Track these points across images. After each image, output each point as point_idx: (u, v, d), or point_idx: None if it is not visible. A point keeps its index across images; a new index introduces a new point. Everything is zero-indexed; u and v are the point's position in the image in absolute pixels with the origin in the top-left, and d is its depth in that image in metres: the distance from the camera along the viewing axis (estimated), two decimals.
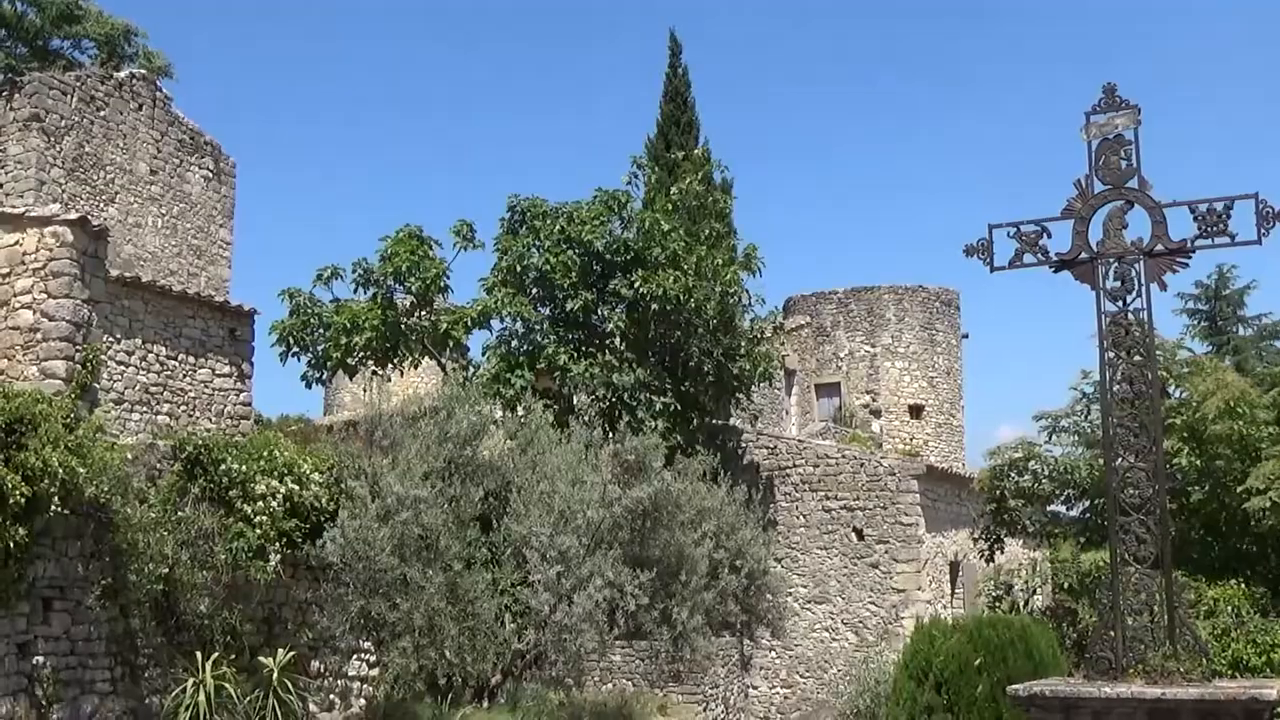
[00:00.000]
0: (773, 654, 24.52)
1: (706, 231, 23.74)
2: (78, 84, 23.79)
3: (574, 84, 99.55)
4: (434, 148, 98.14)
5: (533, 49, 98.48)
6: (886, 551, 24.07)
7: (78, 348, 13.54)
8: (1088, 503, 19.49)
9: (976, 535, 21.69)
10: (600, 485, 15.42)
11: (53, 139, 22.94)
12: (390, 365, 22.25)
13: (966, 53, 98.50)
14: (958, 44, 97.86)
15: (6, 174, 22.68)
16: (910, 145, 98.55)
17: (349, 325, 21.63)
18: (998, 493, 20.25)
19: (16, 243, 13.75)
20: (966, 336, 39.20)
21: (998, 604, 22.62)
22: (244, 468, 13.59)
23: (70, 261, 13.64)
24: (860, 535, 24.38)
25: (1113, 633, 8.42)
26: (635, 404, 21.53)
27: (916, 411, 37.10)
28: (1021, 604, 22.94)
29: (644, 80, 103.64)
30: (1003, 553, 22.05)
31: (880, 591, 23.99)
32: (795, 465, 25.16)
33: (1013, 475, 20.04)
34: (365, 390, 22.37)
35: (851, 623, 24.19)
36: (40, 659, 11.78)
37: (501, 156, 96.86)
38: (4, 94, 23.24)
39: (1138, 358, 8.77)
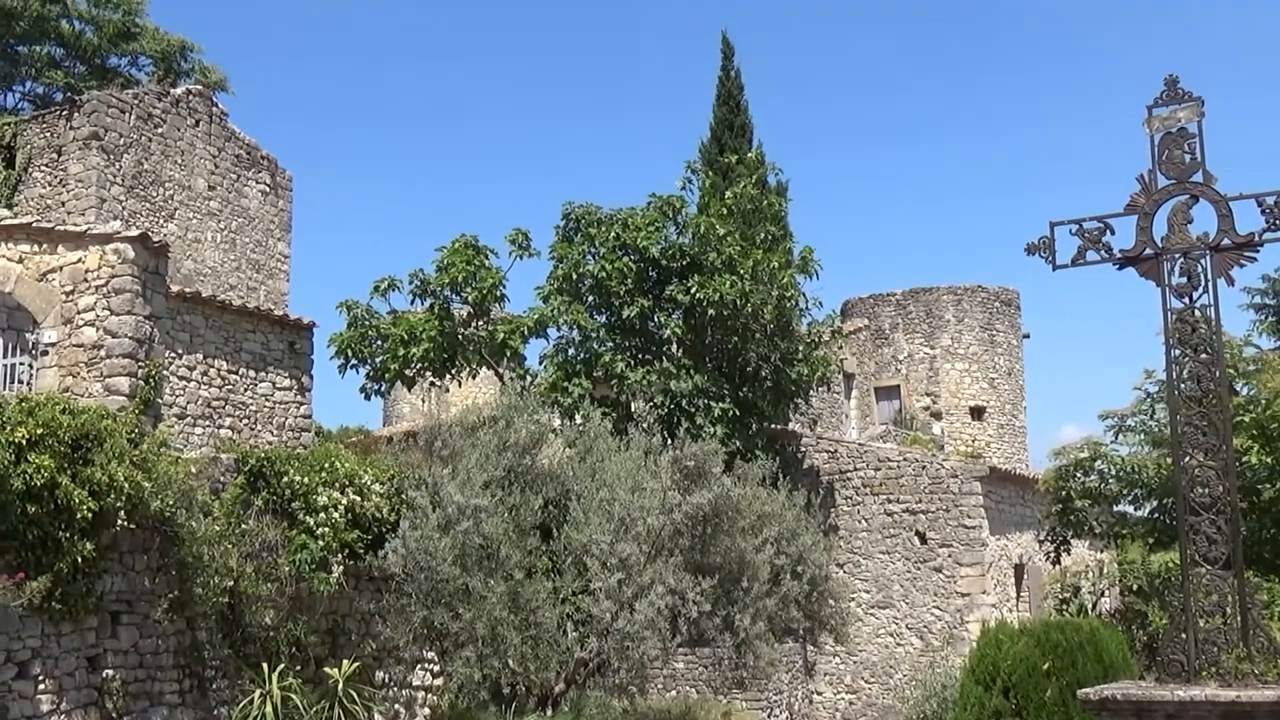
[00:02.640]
0: (837, 660, 24.32)
1: (762, 235, 23.60)
2: (136, 101, 24.16)
3: (626, 90, 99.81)
4: (488, 157, 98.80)
5: (584, 56, 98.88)
6: (950, 555, 23.79)
7: (140, 364, 13.71)
8: (1156, 503, 19.11)
9: (1042, 537, 21.36)
10: (660, 492, 15.37)
11: (112, 157, 23.30)
12: (448, 375, 22.33)
13: (1024, 49, 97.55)
14: (1014, 40, 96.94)
15: (68, 192, 23.08)
16: (965, 143, 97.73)
17: (407, 336, 21.74)
18: (1063, 493, 19.92)
19: (79, 260, 13.96)
20: (1028, 336, 38.74)
21: (1065, 607, 22.29)
22: (306, 480, 13.71)
23: (132, 278, 13.82)
24: (923, 539, 24.13)
25: (1184, 635, 8.24)
26: (693, 410, 21.45)
27: (978, 413, 36.71)
28: (1089, 607, 22.59)
29: (696, 84, 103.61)
30: (1069, 555, 21.70)
31: (944, 595, 23.71)
32: (856, 469, 24.95)
33: (1078, 475, 19.71)
34: (424, 401, 22.44)
35: (916, 627, 23.93)
36: (110, 672, 11.93)
37: (556, 164, 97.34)
38: (64, 113, 23.67)
39: (1204, 355, 8.58)
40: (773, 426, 23.95)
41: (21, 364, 14.39)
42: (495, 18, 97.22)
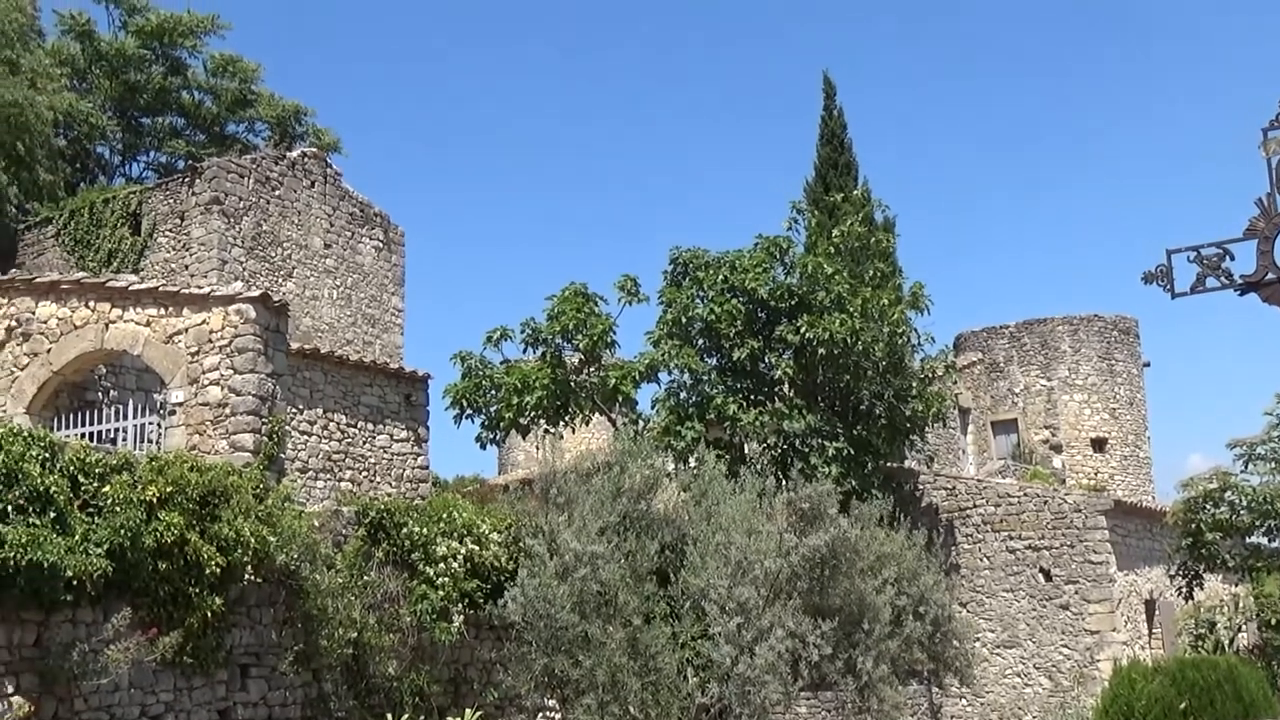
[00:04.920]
0: (963, 702, 23.76)
1: (871, 272, 23.42)
2: (253, 166, 24.97)
3: (729, 134, 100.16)
4: (594, 205, 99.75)
5: (685, 103, 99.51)
6: (1077, 592, 23.14)
7: (264, 420, 14.04)
8: None
9: (1173, 572, 20.74)
10: (776, 535, 15.25)
11: (232, 220, 24.08)
12: (561, 423, 22.47)
13: (1133, 72, 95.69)
14: (1124, 63, 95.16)
15: (191, 256, 23.88)
16: (1075, 171, 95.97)
17: (520, 385, 21.95)
18: (1193, 526, 19.36)
19: (204, 322, 14.38)
20: (1148, 365, 37.77)
21: (1200, 643, 21.55)
22: (425, 530, 13.89)
23: (254, 337, 14.18)
24: (1048, 576, 23.52)
25: None
26: (807, 450, 21.27)
27: (1099, 445, 35.82)
28: (1226, 643, 21.79)
29: (799, 125, 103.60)
30: (1202, 589, 21.01)
31: (1072, 634, 23.05)
32: (975, 506, 24.47)
33: (1208, 507, 19.15)
34: (538, 448, 22.62)
35: (1044, 667, 23.29)
36: None
37: (661, 210, 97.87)
38: (186, 180, 24.55)
39: None
40: (888, 465, 23.63)
41: (151, 424, 14.86)
42: (593, 68, 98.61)
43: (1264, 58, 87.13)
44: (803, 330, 21.50)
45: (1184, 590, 20.56)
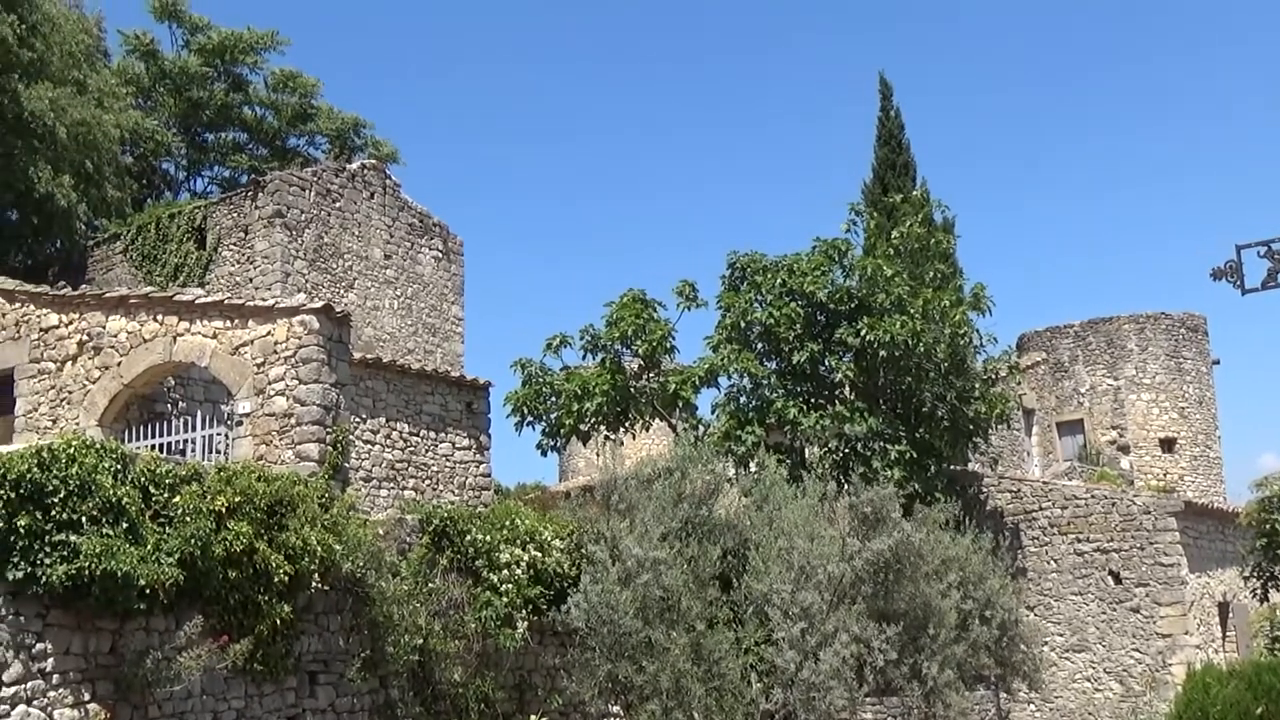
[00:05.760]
0: (1031, 707, 23.46)
1: (931, 274, 23.24)
2: (315, 179, 25.31)
3: (785, 137, 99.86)
4: (649, 212, 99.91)
5: (740, 107, 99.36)
6: (1147, 594, 22.78)
7: (328, 430, 14.20)
8: None
9: (1247, 573, 20.34)
10: (838, 539, 15.17)
11: (294, 232, 24.41)
12: (622, 429, 22.50)
13: (1202, 66, 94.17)
14: (1192, 57, 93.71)
15: (255, 269, 24.24)
16: (1140, 168, 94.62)
17: (580, 392, 22.01)
18: (1267, 526, 18.99)
19: (269, 333, 14.58)
20: (1218, 363, 37.11)
21: (1276, 646, 21.10)
22: (488, 537, 13.98)
23: (318, 348, 14.35)
24: (1117, 578, 23.17)
25: None
26: (869, 454, 21.13)
27: (1168, 445, 35.25)
28: None
29: (855, 126, 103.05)
30: (1278, 590, 20.58)
31: (1143, 637, 22.68)
32: (1041, 508, 24.17)
33: None
34: (599, 455, 22.69)
35: (1115, 672, 22.94)
36: None
37: (717, 215, 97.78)
38: (249, 194, 24.95)
39: None
40: (952, 468, 23.42)
41: (218, 434, 15.09)
42: (648, 74, 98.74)
43: None
44: (863, 333, 21.37)
45: (1259, 592, 20.17)
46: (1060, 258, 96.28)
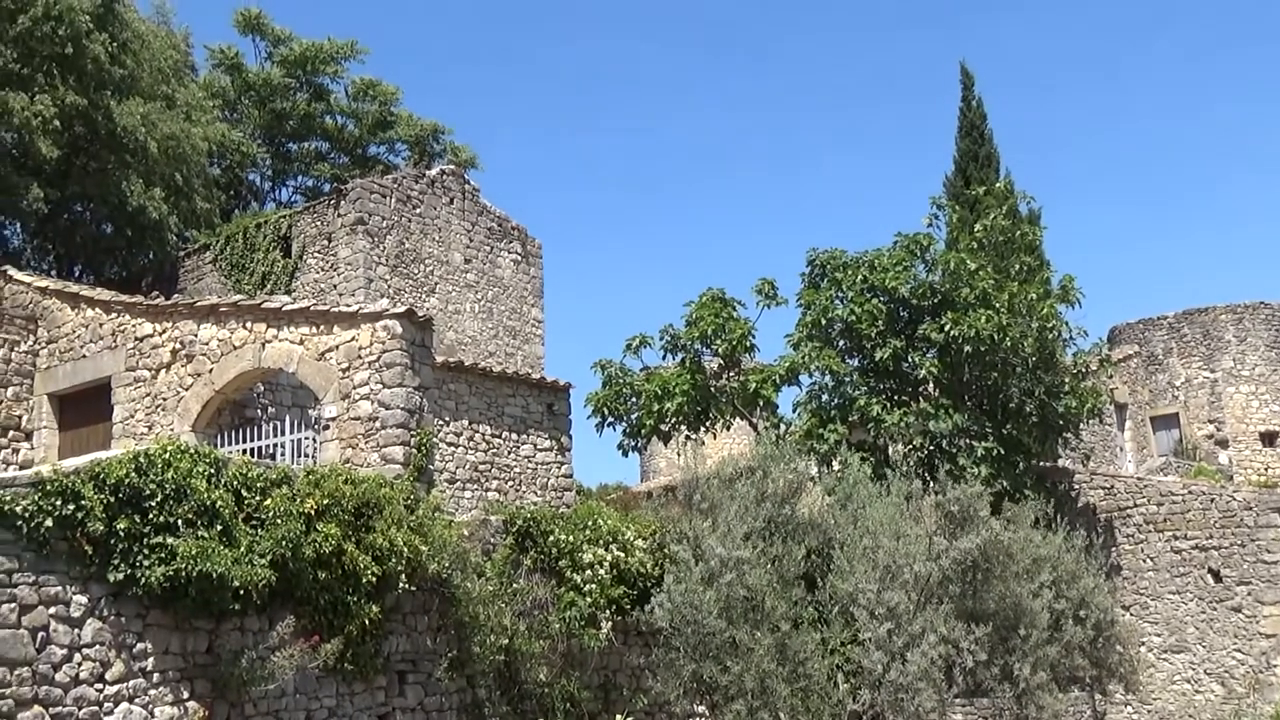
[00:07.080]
0: (1129, 709, 22.96)
1: (1016, 267, 22.84)
2: (395, 185, 25.62)
3: (864, 132, 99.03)
4: (728, 210, 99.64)
5: (817, 101, 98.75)
6: (1249, 593, 22.17)
7: (413, 433, 14.35)
8: None
9: None
10: (925, 538, 14.98)
11: (376, 239, 24.72)
12: (703, 428, 22.43)
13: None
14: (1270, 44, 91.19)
15: (339, 275, 24.60)
16: (1229, 154, 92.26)
17: (660, 392, 21.98)
18: None
19: (353, 339, 14.78)
20: None
21: None
22: (571, 538, 14.04)
23: (401, 352, 14.51)
24: (1217, 577, 22.59)
25: None
26: (955, 451, 20.82)
27: (1270, 439, 34.31)
28: None
29: (936, 119, 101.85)
30: None
31: (1246, 637, 22.08)
32: (1136, 505, 23.64)
33: None
34: (680, 455, 22.65)
35: (1216, 673, 22.36)
36: None
37: (797, 212, 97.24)
38: (332, 202, 25.34)
39: None
40: (1041, 464, 22.99)
41: (306, 438, 15.34)
42: (725, 68, 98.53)
43: None
44: (947, 328, 21.06)
45: None
46: (1153, 248, 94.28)
